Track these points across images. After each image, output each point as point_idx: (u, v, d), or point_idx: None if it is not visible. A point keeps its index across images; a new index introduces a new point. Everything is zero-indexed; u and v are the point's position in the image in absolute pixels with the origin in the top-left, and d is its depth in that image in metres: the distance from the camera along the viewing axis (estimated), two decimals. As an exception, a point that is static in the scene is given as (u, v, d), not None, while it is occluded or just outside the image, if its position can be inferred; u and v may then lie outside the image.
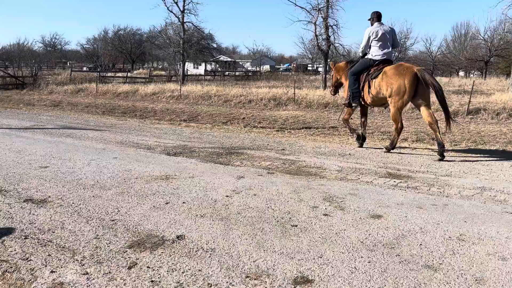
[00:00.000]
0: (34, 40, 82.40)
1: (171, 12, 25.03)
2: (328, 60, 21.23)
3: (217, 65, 65.48)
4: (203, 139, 8.17)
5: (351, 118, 8.08)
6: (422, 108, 6.28)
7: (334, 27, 21.53)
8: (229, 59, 68.32)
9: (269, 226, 3.47)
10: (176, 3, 24.70)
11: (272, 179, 4.95)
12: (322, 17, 21.46)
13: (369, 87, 6.70)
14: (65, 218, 3.65)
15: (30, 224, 3.51)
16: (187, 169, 5.45)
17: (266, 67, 65.89)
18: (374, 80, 6.60)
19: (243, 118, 12.46)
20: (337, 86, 7.94)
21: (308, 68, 67.08)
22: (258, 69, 57.19)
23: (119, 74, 35.63)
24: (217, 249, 3.04)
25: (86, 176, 5.06)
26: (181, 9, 24.81)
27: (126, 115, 12.99)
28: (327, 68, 22.97)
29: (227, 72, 50.53)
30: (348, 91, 7.17)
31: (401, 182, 4.91)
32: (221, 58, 65.65)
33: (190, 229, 3.41)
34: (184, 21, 25.30)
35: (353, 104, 7.25)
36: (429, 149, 7.26)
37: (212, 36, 41.83)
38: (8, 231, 3.37)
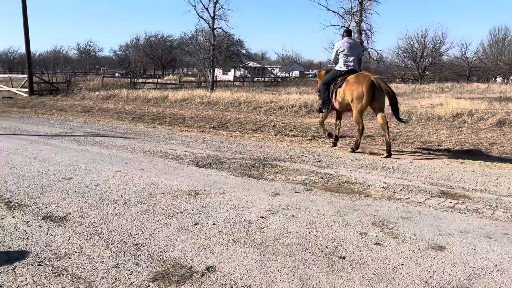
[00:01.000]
0: (69, 47, 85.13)
1: (202, 18, 24.93)
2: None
3: (246, 71, 65.45)
4: (234, 149, 7.78)
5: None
6: (377, 112, 7.16)
7: (367, 31, 20.84)
8: (258, 65, 68.17)
9: (312, 257, 2.99)
10: (207, 9, 24.58)
11: (311, 197, 4.47)
12: (355, 21, 20.81)
13: (336, 95, 7.52)
14: (84, 240, 3.29)
15: (46, 247, 3.17)
16: (217, 183, 5.05)
17: (296, 73, 65.33)
18: (339, 88, 7.43)
19: (274, 125, 12.01)
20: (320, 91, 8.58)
21: (338, 73, 66.05)
22: (287, 75, 56.71)
23: (150, 80, 35.95)
24: (253, 286, 2.59)
25: (111, 189, 4.74)
26: (212, 15, 24.67)
27: (156, 121, 12.79)
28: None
29: (256, 78, 50.33)
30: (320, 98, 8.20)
31: (458, 203, 4.33)
32: (250, 64, 65.63)
33: (222, 258, 2.98)
34: (214, 27, 25.14)
35: (323, 110, 8.12)
36: (466, 157, 6.59)
37: (241, 42, 41.78)
38: (21, 255, 3.04)
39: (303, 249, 3.14)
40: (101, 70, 69.89)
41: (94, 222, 3.70)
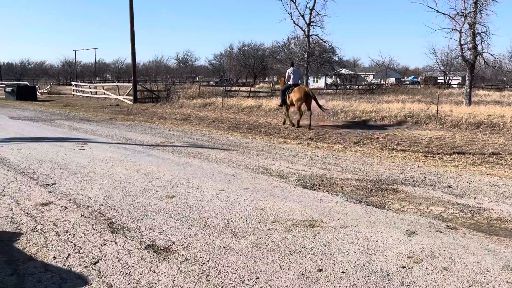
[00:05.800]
0: (169, 57, 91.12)
1: (297, 25, 24.43)
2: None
3: (337, 79, 63.74)
4: (340, 166, 6.98)
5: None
6: (307, 107, 12.83)
7: (482, 34, 18.54)
8: (350, 72, 66.04)
9: None
10: (303, 16, 24.01)
11: (461, 241, 3.53)
12: (468, 23, 18.64)
13: (288, 97, 13.09)
14: (191, 283, 2.79)
15: (149, 288, 2.72)
16: (333, 213, 4.32)
17: (392, 80, 61.98)
18: (289, 94, 13.01)
19: (377, 137, 10.95)
20: (281, 95, 14.25)
21: (438, 80, 61.34)
22: (383, 81, 53.98)
23: (243, 88, 36.44)
24: None
25: (215, 213, 4.26)
26: (307, 22, 24.04)
27: (251, 131, 12.46)
28: (471, 82, 19.94)
29: (349, 86, 48.60)
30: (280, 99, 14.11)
31: None
32: (342, 71, 63.82)
33: (365, 331, 2.25)
34: (310, 34, 24.48)
35: (282, 105, 13.83)
36: None
37: (334, 49, 40.51)
38: (122, 298, 2.61)
39: (477, 327, 2.28)
40: (197, 79, 73.18)
41: (200, 257, 3.19)
